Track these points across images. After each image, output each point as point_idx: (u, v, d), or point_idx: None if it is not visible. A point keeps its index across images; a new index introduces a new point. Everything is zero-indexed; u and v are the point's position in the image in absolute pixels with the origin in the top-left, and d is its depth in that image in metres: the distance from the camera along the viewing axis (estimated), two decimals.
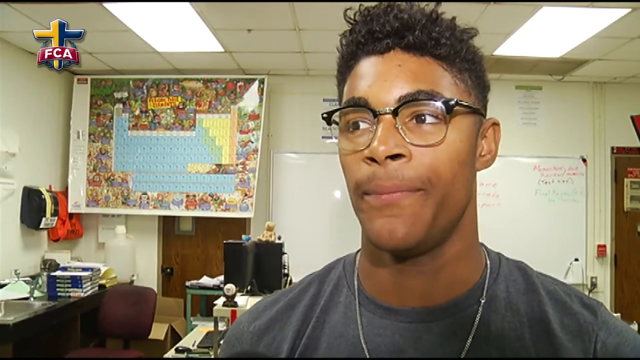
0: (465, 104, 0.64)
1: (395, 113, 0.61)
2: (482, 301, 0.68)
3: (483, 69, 0.69)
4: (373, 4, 0.67)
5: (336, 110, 0.67)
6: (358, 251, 0.77)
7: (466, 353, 0.65)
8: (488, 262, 0.72)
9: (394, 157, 0.60)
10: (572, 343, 0.65)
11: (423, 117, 0.62)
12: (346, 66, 0.69)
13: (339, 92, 0.72)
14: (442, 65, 0.64)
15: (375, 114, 0.62)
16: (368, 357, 0.67)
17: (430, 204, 0.61)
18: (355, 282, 0.73)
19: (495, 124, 0.71)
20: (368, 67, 0.65)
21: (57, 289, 4.14)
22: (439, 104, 0.61)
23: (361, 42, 0.66)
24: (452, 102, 0.62)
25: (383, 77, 0.63)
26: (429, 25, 0.64)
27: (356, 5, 0.68)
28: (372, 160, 0.61)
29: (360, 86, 0.65)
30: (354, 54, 0.67)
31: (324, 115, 0.68)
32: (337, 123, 0.68)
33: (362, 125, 0.64)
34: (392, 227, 0.61)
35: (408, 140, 0.61)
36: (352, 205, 0.67)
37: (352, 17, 0.68)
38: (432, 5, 0.66)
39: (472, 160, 0.67)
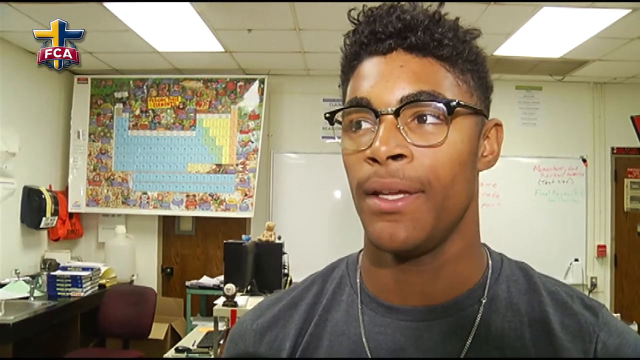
0: (467, 104, 0.64)
1: (396, 113, 0.61)
2: (483, 301, 0.68)
3: (486, 69, 0.69)
4: (377, 4, 0.67)
5: (338, 110, 0.67)
6: (361, 250, 0.77)
7: (466, 352, 0.65)
8: (490, 262, 0.72)
9: (396, 157, 0.60)
10: (572, 343, 0.65)
11: (424, 118, 0.62)
12: (349, 66, 0.69)
13: (342, 92, 0.72)
14: (444, 66, 0.64)
15: (377, 114, 0.62)
16: (369, 355, 0.67)
17: (431, 207, 0.61)
18: (358, 281, 0.74)
19: (498, 125, 0.71)
20: (370, 67, 0.66)
21: (57, 289, 4.15)
22: (440, 104, 0.62)
23: (364, 42, 0.66)
24: (454, 103, 0.62)
25: (385, 78, 0.64)
26: (431, 26, 0.64)
27: (359, 5, 0.69)
28: (374, 160, 0.61)
29: (363, 86, 0.65)
30: (357, 54, 0.68)
31: (327, 115, 0.68)
32: (340, 123, 0.68)
33: (365, 125, 0.64)
34: (393, 231, 0.61)
35: (409, 141, 0.61)
36: (355, 205, 0.68)
37: (355, 17, 0.68)
38: (435, 6, 0.66)
39: (473, 161, 0.67)
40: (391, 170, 0.61)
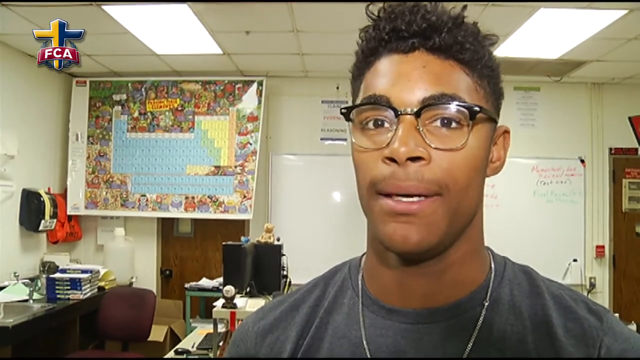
0: (487, 111, 0.64)
1: (417, 114, 0.61)
2: (486, 303, 0.67)
3: (500, 76, 0.69)
4: (382, 4, 0.67)
5: (356, 107, 0.65)
6: (364, 254, 0.77)
7: (468, 355, 0.64)
8: (493, 265, 0.72)
9: (414, 159, 0.60)
10: (576, 347, 0.64)
11: (445, 121, 0.62)
12: (365, 62, 0.68)
13: (353, 88, 0.71)
14: (464, 69, 0.64)
15: (397, 114, 0.61)
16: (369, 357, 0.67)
17: (445, 211, 0.61)
18: (360, 284, 0.74)
19: (506, 132, 0.71)
20: (390, 65, 0.65)
21: (56, 291, 4.14)
22: (463, 109, 0.61)
23: (384, 39, 0.65)
24: (477, 108, 0.61)
25: (406, 77, 0.63)
26: (454, 29, 0.64)
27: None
28: (392, 160, 0.60)
29: (381, 84, 0.64)
30: (374, 50, 0.67)
31: (343, 111, 0.66)
32: (351, 120, 0.66)
33: (381, 124, 0.63)
34: (406, 233, 0.60)
35: (428, 143, 0.60)
36: (362, 204, 0.66)
37: (375, 13, 0.67)
38: (458, 8, 0.66)
39: (485, 167, 0.67)
40: (409, 172, 0.60)
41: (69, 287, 4.16)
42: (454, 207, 0.61)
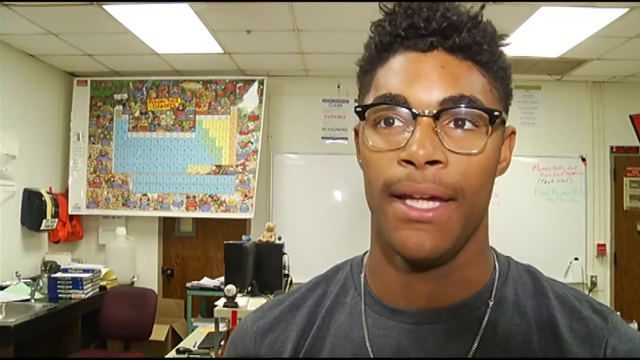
0: (503, 114, 0.63)
1: (436, 117, 0.59)
2: (490, 303, 0.67)
3: (511, 77, 0.68)
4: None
5: (372, 106, 0.63)
6: (366, 252, 0.76)
7: (472, 355, 0.64)
8: (497, 265, 0.71)
9: (432, 162, 0.58)
10: (581, 348, 0.63)
11: (461, 123, 0.60)
12: (378, 57, 0.66)
13: (362, 82, 0.69)
14: (481, 71, 0.63)
15: (415, 115, 0.59)
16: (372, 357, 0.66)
17: (460, 216, 0.60)
18: (362, 283, 0.73)
19: (513, 133, 0.71)
20: (406, 63, 0.63)
21: (58, 291, 4.15)
22: (483, 113, 0.60)
23: (400, 35, 0.63)
24: (497, 113, 0.60)
25: (425, 77, 0.61)
26: (473, 29, 0.62)
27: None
28: (408, 162, 0.59)
29: (398, 82, 0.62)
30: (389, 45, 0.64)
31: (358, 109, 0.64)
32: (364, 118, 0.64)
33: (396, 123, 0.61)
34: (420, 240, 0.59)
35: (446, 146, 0.59)
36: (371, 203, 0.65)
37: (390, 8, 0.65)
38: (476, 8, 0.64)
39: (496, 169, 0.66)
40: (426, 175, 0.58)
41: (70, 287, 4.16)
42: (468, 210, 0.61)
